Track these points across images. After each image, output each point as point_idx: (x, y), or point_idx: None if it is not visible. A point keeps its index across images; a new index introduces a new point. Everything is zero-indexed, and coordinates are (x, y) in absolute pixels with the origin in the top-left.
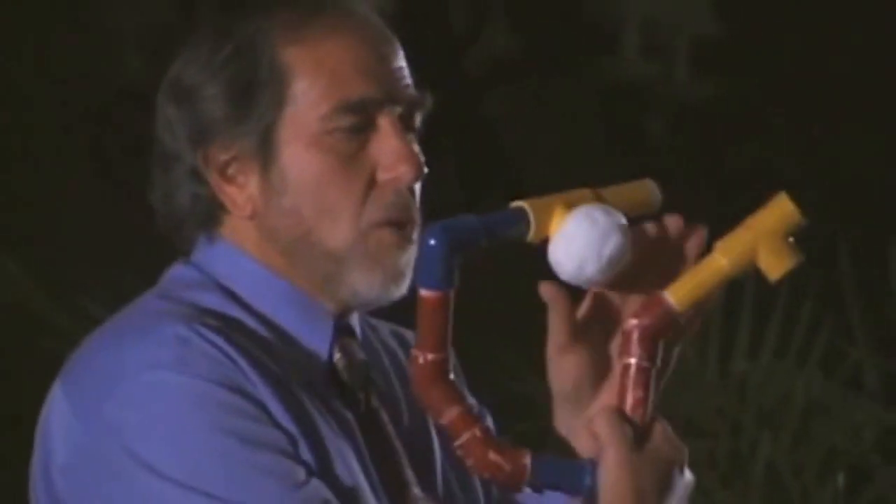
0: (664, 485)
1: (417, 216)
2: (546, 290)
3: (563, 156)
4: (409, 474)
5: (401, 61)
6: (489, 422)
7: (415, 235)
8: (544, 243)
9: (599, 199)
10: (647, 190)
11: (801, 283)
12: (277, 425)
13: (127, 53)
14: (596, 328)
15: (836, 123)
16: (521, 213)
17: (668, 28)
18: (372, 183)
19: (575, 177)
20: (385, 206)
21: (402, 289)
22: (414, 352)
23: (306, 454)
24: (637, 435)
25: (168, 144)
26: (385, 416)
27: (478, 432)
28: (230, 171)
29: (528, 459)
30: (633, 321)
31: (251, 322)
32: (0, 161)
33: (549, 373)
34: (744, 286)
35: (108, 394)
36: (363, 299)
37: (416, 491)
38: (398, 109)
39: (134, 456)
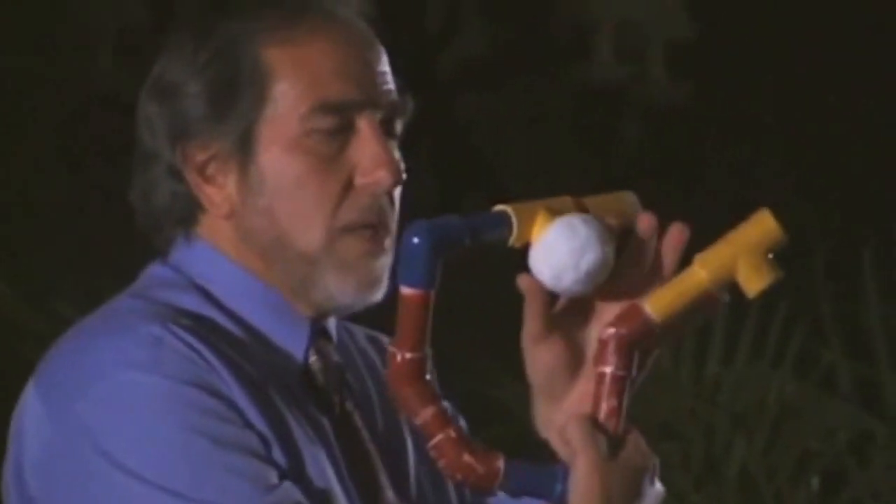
0: (634, 495)
1: (393, 223)
2: (522, 281)
3: (538, 158)
4: (383, 479)
5: (383, 66)
6: (462, 425)
7: (388, 243)
8: (526, 249)
9: (580, 208)
10: (627, 201)
11: (775, 287)
12: (250, 427)
13: (102, 57)
14: (571, 320)
15: (812, 126)
16: (505, 216)
17: (643, 31)
18: (349, 186)
19: (550, 179)
20: (360, 209)
21: (378, 294)
22: (391, 349)
23: (279, 456)
24: (609, 444)
25: (147, 142)
26: (359, 420)
27: (452, 433)
28: (209, 170)
29: (501, 463)
30: (611, 330)
31: (227, 323)
32: None
33: (526, 364)
34: None
35: (82, 394)
36: (338, 304)
37: (390, 495)
38: (379, 114)
39: (107, 456)
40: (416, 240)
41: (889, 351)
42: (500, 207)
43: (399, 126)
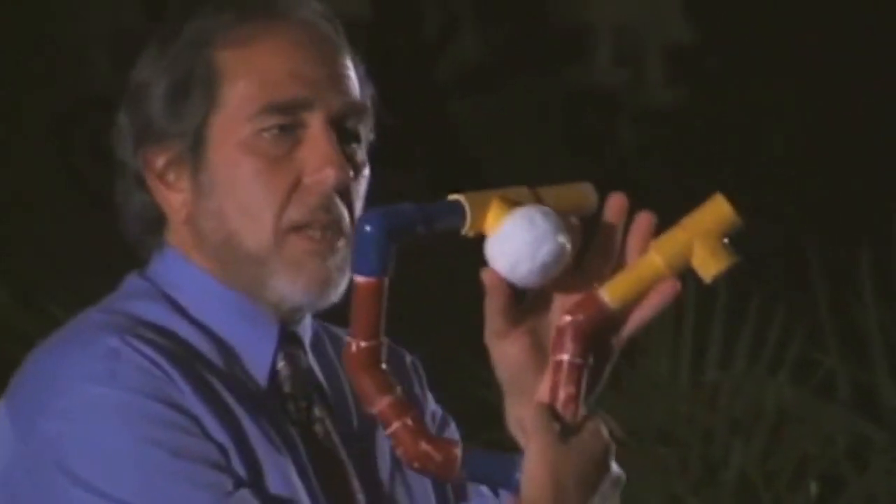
0: (586, 481)
1: (344, 221)
2: (486, 275)
3: (533, 162)
4: (355, 484)
5: (340, 66)
6: (452, 428)
7: (341, 243)
8: (480, 238)
9: (537, 198)
10: (584, 192)
11: (772, 292)
12: (209, 437)
13: (97, 60)
14: (536, 313)
15: (810, 129)
16: (458, 205)
17: (639, 35)
18: (297, 185)
19: (545, 183)
20: (309, 208)
21: (332, 294)
22: (347, 339)
23: (238, 466)
24: (564, 430)
25: (119, 151)
26: (330, 426)
27: (409, 421)
28: (168, 176)
29: (458, 451)
30: (567, 318)
31: (191, 333)
32: None
33: (492, 360)
34: (716, 295)
35: (43, 408)
36: (290, 305)
37: (361, 499)
38: (329, 113)
39: (65, 471)
40: (367, 227)
41: (887, 356)
42: (454, 196)
43: (360, 126)
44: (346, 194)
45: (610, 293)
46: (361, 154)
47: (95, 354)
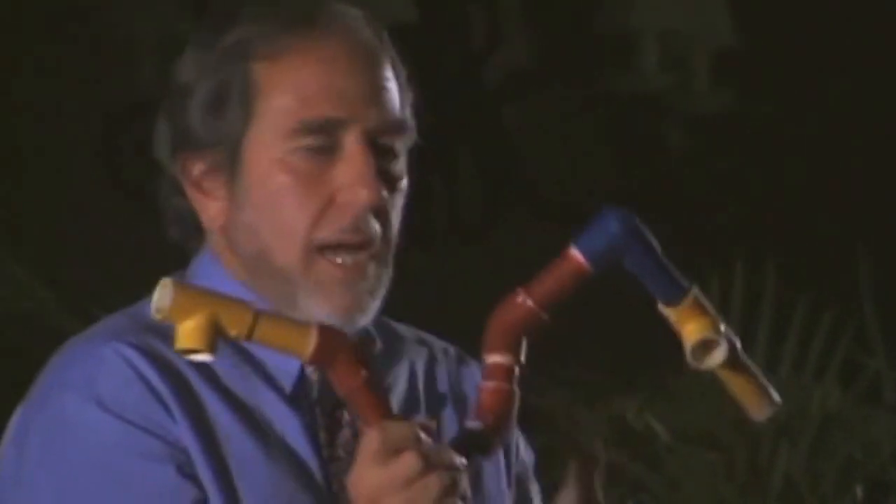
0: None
1: (378, 240)
2: None
3: (580, 167)
4: None
5: (379, 79)
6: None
7: (371, 267)
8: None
9: None
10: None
11: (819, 296)
12: (183, 452)
13: (141, 62)
14: None
15: (856, 133)
16: (682, 290)
17: (687, 40)
18: (330, 203)
19: (592, 187)
20: (341, 227)
21: (360, 319)
22: (520, 291)
23: (210, 482)
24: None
25: (159, 152)
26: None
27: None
28: (205, 183)
29: None
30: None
31: None
32: (12, 169)
33: None
34: (761, 299)
35: (32, 417)
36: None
37: None
38: (365, 131)
39: (27, 484)
40: (614, 224)
41: None
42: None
43: (397, 141)
44: (380, 212)
45: None
46: (398, 167)
47: (82, 361)
